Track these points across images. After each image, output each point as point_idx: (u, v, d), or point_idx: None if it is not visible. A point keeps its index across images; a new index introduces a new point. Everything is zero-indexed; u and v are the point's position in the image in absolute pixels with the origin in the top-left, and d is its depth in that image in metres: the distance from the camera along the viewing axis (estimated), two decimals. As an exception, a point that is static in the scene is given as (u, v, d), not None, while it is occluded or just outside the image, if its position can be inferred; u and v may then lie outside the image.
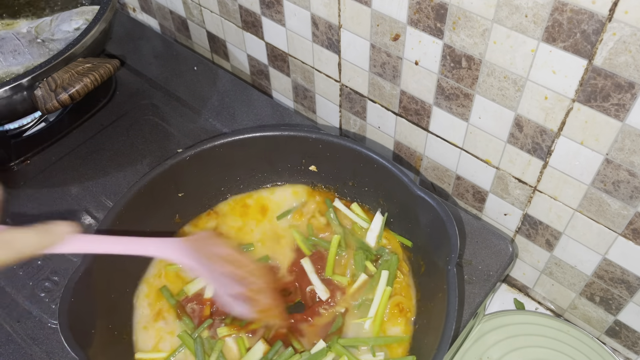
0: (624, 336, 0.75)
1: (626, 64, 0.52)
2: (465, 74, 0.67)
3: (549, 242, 0.74)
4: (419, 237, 0.69)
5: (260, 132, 0.74)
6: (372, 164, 0.71)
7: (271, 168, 0.78)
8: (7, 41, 0.85)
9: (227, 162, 0.76)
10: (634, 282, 0.68)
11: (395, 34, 0.71)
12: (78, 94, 0.74)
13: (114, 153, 0.87)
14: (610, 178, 0.61)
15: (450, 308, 0.58)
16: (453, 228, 0.62)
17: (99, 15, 0.81)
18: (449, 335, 0.56)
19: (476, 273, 0.71)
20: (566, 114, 0.60)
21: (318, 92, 0.92)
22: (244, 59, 1.03)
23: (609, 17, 0.51)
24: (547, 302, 0.82)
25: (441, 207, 0.64)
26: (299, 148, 0.75)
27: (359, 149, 0.71)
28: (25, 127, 0.90)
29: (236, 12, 0.94)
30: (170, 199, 0.74)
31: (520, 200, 0.74)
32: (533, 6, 0.55)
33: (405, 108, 0.78)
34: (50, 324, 0.69)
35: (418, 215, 0.68)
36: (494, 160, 0.73)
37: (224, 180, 0.78)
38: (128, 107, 0.94)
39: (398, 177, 0.68)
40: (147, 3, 1.15)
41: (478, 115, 0.70)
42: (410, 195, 0.67)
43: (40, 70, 0.73)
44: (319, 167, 0.77)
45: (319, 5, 0.78)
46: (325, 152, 0.74)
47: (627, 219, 0.63)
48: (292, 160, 0.77)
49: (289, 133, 0.74)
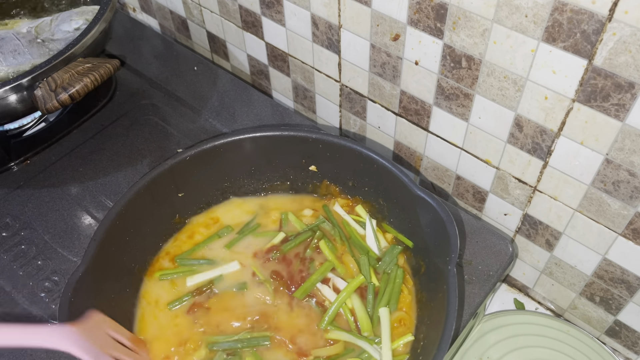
0: (624, 336, 0.75)
1: (626, 64, 0.52)
2: (465, 74, 0.67)
3: (549, 242, 0.74)
4: (419, 237, 0.69)
5: (261, 132, 0.74)
6: (372, 164, 0.71)
7: (271, 168, 0.78)
8: (7, 41, 0.85)
9: (227, 162, 0.76)
10: (634, 282, 0.68)
11: (395, 34, 0.71)
12: (78, 94, 0.74)
13: (114, 153, 0.87)
14: (610, 178, 0.61)
15: (450, 308, 0.57)
16: (453, 228, 0.62)
17: (99, 15, 0.81)
18: (449, 335, 0.56)
19: (476, 273, 0.71)
20: (566, 114, 0.60)
21: (318, 92, 0.92)
22: (244, 59, 1.03)
23: (609, 17, 0.51)
24: (547, 302, 0.82)
25: (441, 207, 0.64)
26: (299, 148, 0.75)
27: (359, 149, 0.71)
28: (25, 127, 0.90)
29: (236, 12, 0.94)
30: (171, 198, 0.74)
31: (520, 200, 0.74)
32: (533, 6, 0.55)
33: (405, 108, 0.78)
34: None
35: (418, 216, 0.68)
36: (494, 160, 0.73)
37: (224, 180, 0.78)
38: (128, 107, 0.94)
39: (398, 177, 0.68)
40: (147, 3, 1.15)
41: (478, 115, 0.70)
42: (410, 195, 0.67)
43: (40, 70, 0.73)
44: (319, 167, 0.77)
45: (319, 5, 0.78)
46: (325, 152, 0.74)
47: (627, 219, 0.63)
48: (293, 160, 0.77)
49: (289, 133, 0.74)
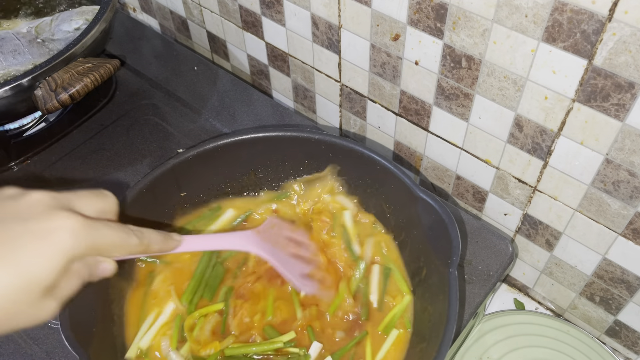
0: (624, 336, 0.75)
1: (626, 64, 0.52)
2: (465, 74, 0.67)
3: (549, 242, 0.74)
4: (420, 239, 0.69)
5: (263, 133, 0.75)
6: (374, 165, 0.71)
7: (274, 169, 0.78)
8: (7, 41, 0.85)
9: (229, 162, 0.76)
10: (634, 282, 0.68)
11: (395, 34, 0.71)
12: (78, 94, 0.74)
13: (114, 153, 0.87)
14: (610, 178, 0.61)
15: (451, 311, 0.56)
16: (455, 230, 0.61)
17: (99, 15, 0.81)
18: (449, 338, 0.55)
19: (476, 273, 0.71)
20: (566, 114, 0.60)
21: (318, 92, 0.92)
22: (244, 59, 1.03)
23: (609, 17, 0.51)
24: (547, 302, 0.82)
25: (443, 209, 0.63)
26: (302, 149, 0.75)
27: (360, 150, 0.71)
28: (25, 127, 0.90)
29: (236, 12, 0.94)
30: (172, 198, 0.74)
31: (520, 200, 0.74)
32: (533, 6, 0.55)
33: (405, 108, 0.78)
34: (50, 324, 0.69)
35: (420, 217, 0.67)
36: (494, 160, 0.73)
37: (226, 180, 0.78)
38: (128, 107, 0.94)
39: (399, 178, 0.68)
40: (147, 3, 1.15)
41: (478, 115, 0.70)
42: (411, 196, 0.67)
43: (40, 70, 0.73)
44: (322, 169, 0.77)
45: (319, 5, 0.78)
46: (327, 154, 0.74)
47: (627, 219, 0.63)
48: (295, 161, 0.77)
49: (292, 134, 0.74)
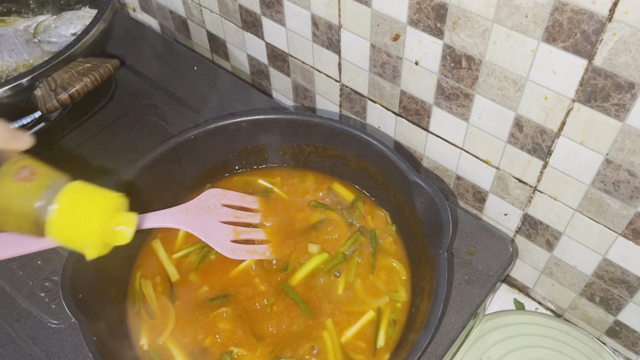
0: (624, 336, 0.75)
1: (626, 64, 0.52)
2: (465, 74, 0.67)
3: (549, 242, 0.74)
4: (416, 224, 0.70)
5: (264, 115, 0.77)
6: (372, 150, 0.72)
7: (273, 150, 0.80)
8: (6, 38, 0.86)
9: (231, 142, 0.78)
10: (634, 282, 0.68)
11: (395, 34, 0.71)
12: (78, 94, 0.74)
13: (114, 153, 0.87)
14: (610, 178, 0.61)
15: (439, 291, 0.59)
16: (446, 213, 0.63)
17: (99, 15, 0.81)
18: (436, 316, 0.57)
19: (476, 273, 0.71)
20: (566, 114, 0.60)
21: (318, 92, 0.92)
22: (244, 59, 1.03)
23: (609, 17, 0.51)
24: (547, 302, 0.82)
25: (436, 193, 0.65)
26: (301, 132, 0.77)
27: (359, 135, 0.73)
28: (25, 127, 0.90)
29: (236, 12, 0.94)
30: (174, 176, 0.76)
31: (520, 201, 0.74)
32: (533, 6, 0.55)
33: (405, 108, 0.78)
34: (50, 324, 0.69)
35: (414, 202, 0.69)
36: (494, 160, 0.73)
37: (228, 159, 0.80)
38: (128, 107, 0.94)
39: (395, 162, 0.70)
40: (147, 3, 1.15)
41: (478, 116, 0.70)
42: (406, 181, 0.68)
43: (40, 70, 0.73)
44: (320, 154, 0.79)
45: (319, 5, 0.78)
46: (327, 137, 0.76)
47: (627, 219, 0.63)
48: (295, 144, 0.79)
49: (292, 117, 0.77)
